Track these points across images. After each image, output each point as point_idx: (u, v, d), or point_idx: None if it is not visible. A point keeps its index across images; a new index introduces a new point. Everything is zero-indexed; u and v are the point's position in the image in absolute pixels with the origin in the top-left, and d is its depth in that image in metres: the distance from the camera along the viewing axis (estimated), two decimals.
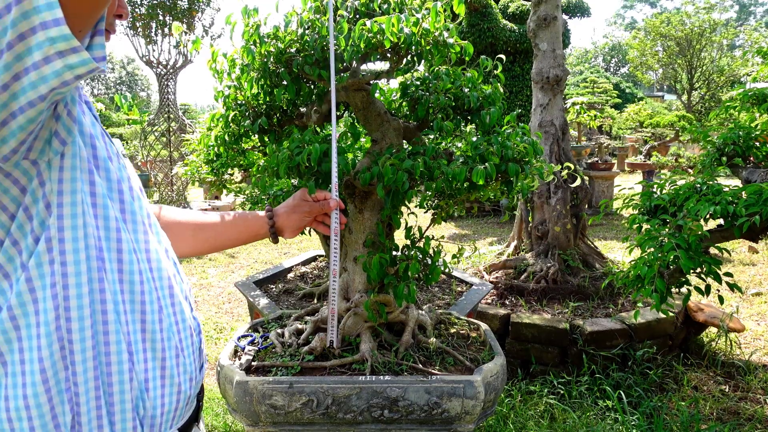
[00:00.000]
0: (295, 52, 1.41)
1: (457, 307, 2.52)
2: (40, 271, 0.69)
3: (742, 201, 2.22)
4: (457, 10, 1.25)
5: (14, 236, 0.69)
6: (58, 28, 0.57)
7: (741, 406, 2.88)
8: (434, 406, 1.46)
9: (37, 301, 0.70)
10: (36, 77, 0.60)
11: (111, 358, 0.75)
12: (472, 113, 1.57)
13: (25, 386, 0.69)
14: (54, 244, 0.70)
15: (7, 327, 0.69)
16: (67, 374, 0.72)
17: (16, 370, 0.70)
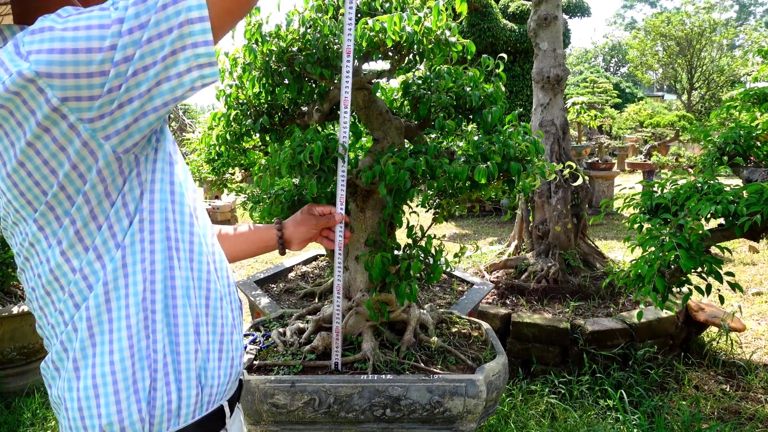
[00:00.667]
0: (297, 51, 1.41)
1: (458, 307, 2.52)
2: (132, 249, 0.78)
3: (743, 200, 2.22)
4: (459, 9, 1.25)
5: (111, 220, 0.76)
6: (206, 48, 0.70)
7: (742, 406, 2.88)
8: (436, 405, 1.46)
9: (128, 276, 0.78)
10: (176, 84, 0.70)
11: (179, 330, 0.83)
12: (474, 112, 1.57)
13: (113, 353, 0.77)
14: (145, 225, 0.79)
15: (101, 301, 0.77)
16: (148, 342, 0.79)
17: (104, 339, 0.77)
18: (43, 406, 2.95)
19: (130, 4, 0.67)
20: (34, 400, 2.96)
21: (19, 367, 3.11)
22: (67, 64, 0.65)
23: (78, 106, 0.67)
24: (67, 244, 0.75)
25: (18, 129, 0.68)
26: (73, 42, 0.65)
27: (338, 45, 1.37)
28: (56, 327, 0.79)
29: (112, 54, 0.66)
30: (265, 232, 1.23)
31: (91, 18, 0.66)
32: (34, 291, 0.79)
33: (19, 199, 0.73)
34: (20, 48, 0.66)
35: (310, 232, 1.29)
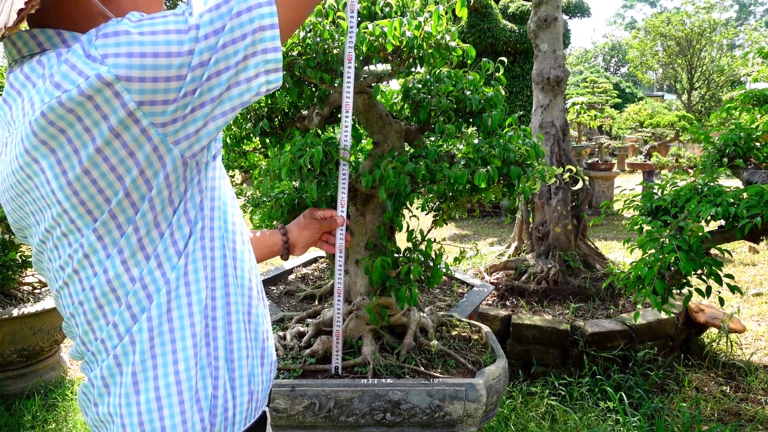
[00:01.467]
0: (297, 56, 1.41)
1: (458, 309, 2.52)
2: (194, 257, 0.78)
3: (743, 202, 2.22)
4: (460, 14, 1.25)
5: (173, 227, 0.76)
6: (275, 54, 0.72)
7: (742, 407, 2.88)
8: (436, 409, 1.46)
9: (190, 284, 0.78)
10: (245, 88, 0.72)
11: (233, 336, 0.83)
12: (474, 116, 1.57)
13: (177, 362, 0.77)
14: (206, 233, 0.80)
15: (163, 311, 0.76)
16: (209, 350, 0.80)
17: (167, 350, 0.77)
18: (43, 408, 2.95)
19: (204, 11, 0.68)
20: (34, 403, 2.96)
21: (19, 369, 3.11)
22: (146, 68, 0.65)
23: (153, 110, 0.67)
24: (129, 253, 0.74)
25: (85, 135, 0.67)
26: (153, 46, 0.65)
27: (338, 49, 1.37)
28: (107, 342, 0.77)
29: (189, 59, 0.66)
30: (269, 238, 1.23)
31: (167, 23, 0.66)
32: (82, 305, 0.76)
33: (78, 209, 0.70)
34: (91, 51, 0.65)
35: (313, 237, 1.29)
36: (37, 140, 0.67)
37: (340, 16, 1.35)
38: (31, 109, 0.67)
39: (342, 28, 1.35)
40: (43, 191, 0.70)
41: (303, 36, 1.39)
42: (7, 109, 0.73)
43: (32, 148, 0.68)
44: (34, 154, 0.69)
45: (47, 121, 0.66)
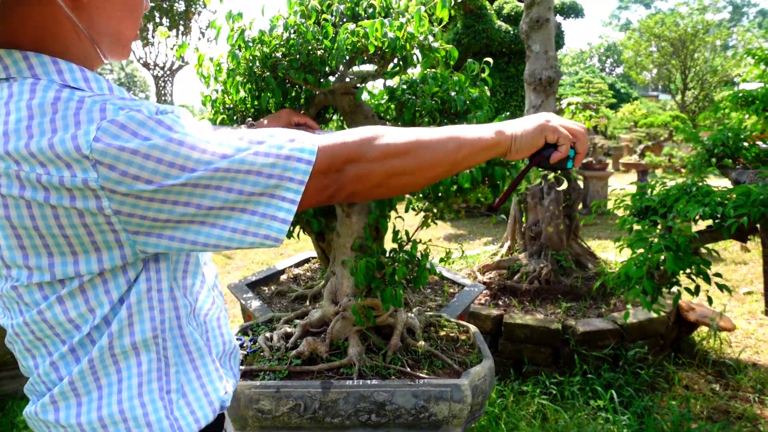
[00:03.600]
0: (281, 57, 1.41)
1: (448, 309, 2.53)
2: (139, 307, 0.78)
3: (731, 202, 2.23)
4: (440, 15, 1.25)
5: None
6: (280, 228, 0.69)
7: (731, 405, 2.90)
8: (421, 410, 1.46)
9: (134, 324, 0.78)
10: (236, 238, 0.69)
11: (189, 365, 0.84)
12: (459, 117, 1.57)
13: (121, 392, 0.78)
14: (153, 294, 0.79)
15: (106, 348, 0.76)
16: (160, 384, 0.81)
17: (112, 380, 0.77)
18: None
19: (220, 156, 0.66)
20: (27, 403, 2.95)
21: (13, 369, 3.11)
22: (135, 188, 0.63)
23: (130, 221, 0.66)
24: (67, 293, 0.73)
25: (47, 204, 0.64)
26: (151, 174, 0.63)
27: (321, 50, 1.37)
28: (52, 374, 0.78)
29: (188, 189, 0.65)
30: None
31: (180, 150, 0.64)
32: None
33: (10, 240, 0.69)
34: (83, 149, 0.61)
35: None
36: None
37: (325, 18, 1.36)
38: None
39: (326, 29, 1.35)
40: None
41: (287, 37, 1.39)
42: None
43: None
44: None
45: (14, 175, 0.63)
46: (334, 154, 0.72)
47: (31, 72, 0.68)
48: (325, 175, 0.71)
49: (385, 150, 0.74)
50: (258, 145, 0.69)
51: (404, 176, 0.76)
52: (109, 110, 0.63)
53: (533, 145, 0.86)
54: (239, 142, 0.68)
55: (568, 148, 0.88)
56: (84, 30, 0.72)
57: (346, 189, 0.74)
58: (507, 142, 0.85)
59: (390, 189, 0.77)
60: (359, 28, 1.28)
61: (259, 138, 0.70)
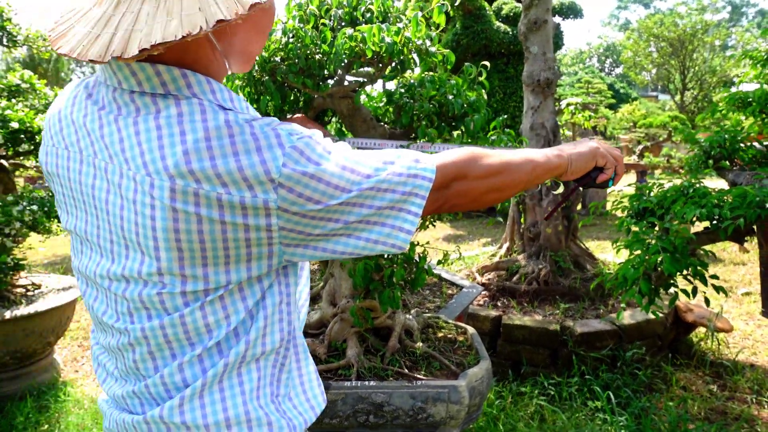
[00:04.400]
0: (280, 61, 1.43)
1: (447, 311, 2.54)
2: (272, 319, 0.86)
3: (727, 204, 2.25)
4: (437, 20, 1.27)
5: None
6: (404, 239, 0.79)
7: (728, 406, 2.91)
8: (419, 411, 1.48)
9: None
10: (368, 247, 0.77)
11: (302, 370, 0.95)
12: (457, 120, 1.58)
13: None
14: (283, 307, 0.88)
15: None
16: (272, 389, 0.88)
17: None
18: (35, 410, 2.95)
19: (380, 173, 0.74)
20: (26, 405, 2.96)
21: (12, 371, 3.11)
22: (306, 208, 0.70)
23: (288, 235, 0.72)
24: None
25: (216, 216, 0.68)
26: (321, 195, 0.70)
27: (320, 54, 1.38)
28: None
29: (344, 208, 0.73)
30: None
31: (342, 173, 0.72)
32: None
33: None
34: (272, 172, 0.67)
35: None
36: (173, 195, 0.68)
37: (323, 23, 1.37)
38: (164, 171, 0.67)
39: (324, 34, 1.36)
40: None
41: (285, 41, 1.41)
42: (115, 139, 0.72)
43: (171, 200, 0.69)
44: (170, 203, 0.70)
45: (192, 192, 0.67)
46: (446, 173, 0.82)
47: (190, 91, 0.72)
48: (438, 191, 0.81)
49: (486, 170, 0.85)
50: (391, 165, 0.77)
51: (496, 192, 0.88)
52: (283, 136, 0.70)
53: (585, 168, 1.00)
54: (375, 162, 0.76)
55: (612, 171, 1.02)
56: (221, 51, 0.77)
57: (450, 201, 0.84)
58: (566, 164, 0.97)
59: (483, 203, 0.89)
60: (357, 32, 1.30)
61: (390, 158, 0.78)
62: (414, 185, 0.77)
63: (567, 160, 0.97)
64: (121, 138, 0.71)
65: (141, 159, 0.69)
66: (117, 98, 0.74)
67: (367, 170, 0.75)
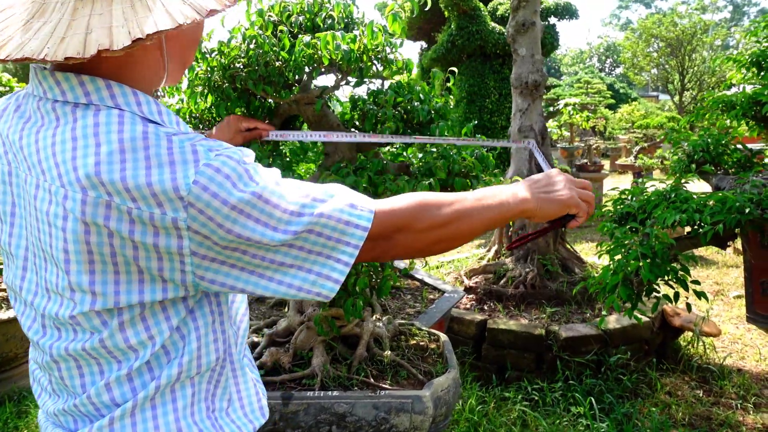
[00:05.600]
0: (241, 68, 1.41)
1: (426, 316, 2.52)
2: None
3: (707, 209, 2.23)
4: (392, 29, 1.25)
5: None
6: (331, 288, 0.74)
7: (713, 412, 2.89)
8: (382, 421, 1.46)
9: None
10: (290, 293, 0.74)
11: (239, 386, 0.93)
12: (423, 126, 1.56)
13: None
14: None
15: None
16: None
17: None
18: (15, 415, 2.94)
19: (305, 213, 0.70)
20: (5, 410, 2.95)
21: None
22: (217, 234, 0.67)
23: (201, 263, 0.69)
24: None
25: (125, 224, 0.66)
26: (241, 228, 0.67)
27: (280, 61, 1.37)
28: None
29: (266, 246, 0.69)
30: None
31: (263, 212, 0.68)
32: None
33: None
34: (181, 190, 0.64)
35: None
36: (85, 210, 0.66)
37: (280, 29, 1.35)
38: (77, 182, 0.65)
39: (282, 41, 1.35)
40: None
41: (246, 48, 1.39)
42: (33, 149, 0.70)
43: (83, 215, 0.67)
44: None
45: (103, 204, 0.65)
46: (386, 223, 0.77)
47: (113, 101, 0.70)
48: (375, 242, 0.76)
49: (434, 221, 0.80)
50: (321, 204, 0.72)
51: (444, 243, 0.83)
52: (201, 152, 0.66)
53: (556, 214, 0.94)
54: (303, 196, 0.72)
55: (585, 217, 0.98)
56: (167, 59, 0.77)
57: (390, 253, 0.80)
58: (533, 208, 0.91)
59: (429, 252, 0.86)
60: (314, 40, 1.28)
61: (321, 196, 0.73)
62: (345, 232, 0.73)
63: (535, 203, 0.90)
64: (38, 149, 0.70)
65: (56, 170, 0.67)
66: (41, 108, 0.73)
67: (292, 206, 0.70)
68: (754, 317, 3.68)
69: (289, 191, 0.71)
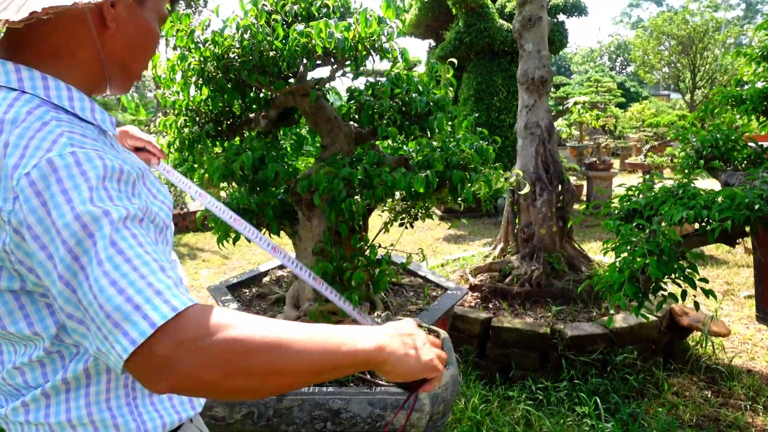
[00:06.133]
0: (235, 58, 1.39)
1: (428, 314, 2.49)
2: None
3: (716, 205, 2.18)
4: (386, 15, 1.22)
5: None
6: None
7: (721, 413, 2.83)
8: (378, 418, 1.43)
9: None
10: None
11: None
12: (421, 118, 1.54)
13: None
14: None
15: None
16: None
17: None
18: None
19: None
20: None
21: None
22: (26, 239, 0.63)
23: (20, 269, 0.67)
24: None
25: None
26: (44, 230, 0.61)
27: (274, 51, 1.34)
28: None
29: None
30: None
31: (71, 234, 0.61)
32: None
33: None
34: (12, 179, 0.62)
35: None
36: None
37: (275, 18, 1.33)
38: None
39: (276, 30, 1.32)
40: None
41: (239, 38, 1.37)
42: None
43: None
44: None
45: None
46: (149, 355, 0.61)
47: (19, 84, 0.70)
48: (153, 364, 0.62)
49: (233, 369, 0.62)
50: (111, 287, 0.60)
51: (248, 393, 0.66)
52: (58, 144, 0.63)
53: (413, 377, 0.79)
54: (106, 268, 0.60)
55: (438, 382, 0.83)
56: (103, 57, 0.76)
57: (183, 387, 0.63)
58: (384, 363, 0.74)
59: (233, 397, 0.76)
60: (308, 29, 1.26)
61: (121, 285, 0.60)
62: (110, 339, 0.59)
63: (392, 358, 0.74)
64: None
65: None
66: None
67: (88, 262, 0.60)
68: (764, 316, 3.61)
69: (102, 248, 0.61)
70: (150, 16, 0.81)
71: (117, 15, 0.75)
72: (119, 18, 0.76)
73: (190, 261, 6.42)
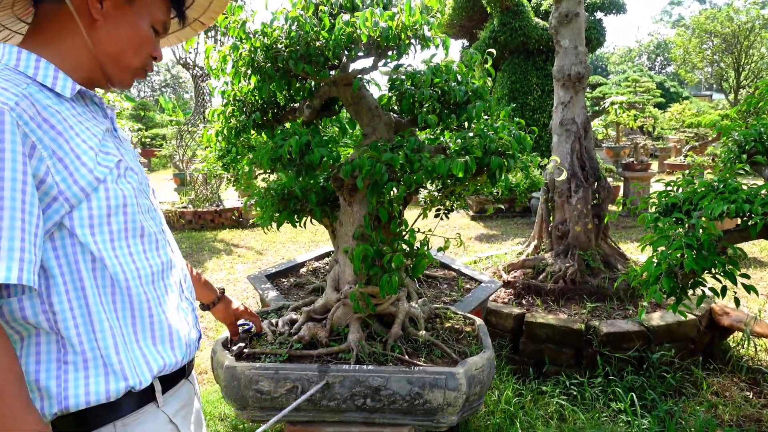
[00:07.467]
0: (283, 48, 1.46)
1: (461, 304, 2.52)
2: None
3: (759, 200, 2.14)
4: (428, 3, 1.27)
5: None
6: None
7: (764, 414, 2.76)
8: (416, 396, 1.48)
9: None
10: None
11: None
12: (459, 107, 1.58)
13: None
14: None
15: None
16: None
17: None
18: None
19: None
20: None
21: None
22: None
23: None
24: None
25: None
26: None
27: (320, 41, 1.41)
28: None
29: None
30: (207, 292, 1.32)
31: None
32: None
33: None
34: None
35: (224, 321, 1.43)
36: None
37: (321, 10, 1.39)
38: None
39: (323, 20, 1.39)
40: None
41: (287, 28, 1.44)
42: None
43: None
44: None
45: None
46: None
47: (17, 63, 0.83)
48: None
49: None
50: None
51: None
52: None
53: None
54: None
55: None
56: (91, 46, 0.87)
57: None
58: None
59: None
60: (354, 18, 1.31)
61: None
62: None
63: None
64: None
65: None
66: None
67: None
68: None
69: None
70: (140, 16, 0.90)
71: (105, 11, 0.86)
72: (107, 13, 0.86)
73: (226, 256, 6.58)
